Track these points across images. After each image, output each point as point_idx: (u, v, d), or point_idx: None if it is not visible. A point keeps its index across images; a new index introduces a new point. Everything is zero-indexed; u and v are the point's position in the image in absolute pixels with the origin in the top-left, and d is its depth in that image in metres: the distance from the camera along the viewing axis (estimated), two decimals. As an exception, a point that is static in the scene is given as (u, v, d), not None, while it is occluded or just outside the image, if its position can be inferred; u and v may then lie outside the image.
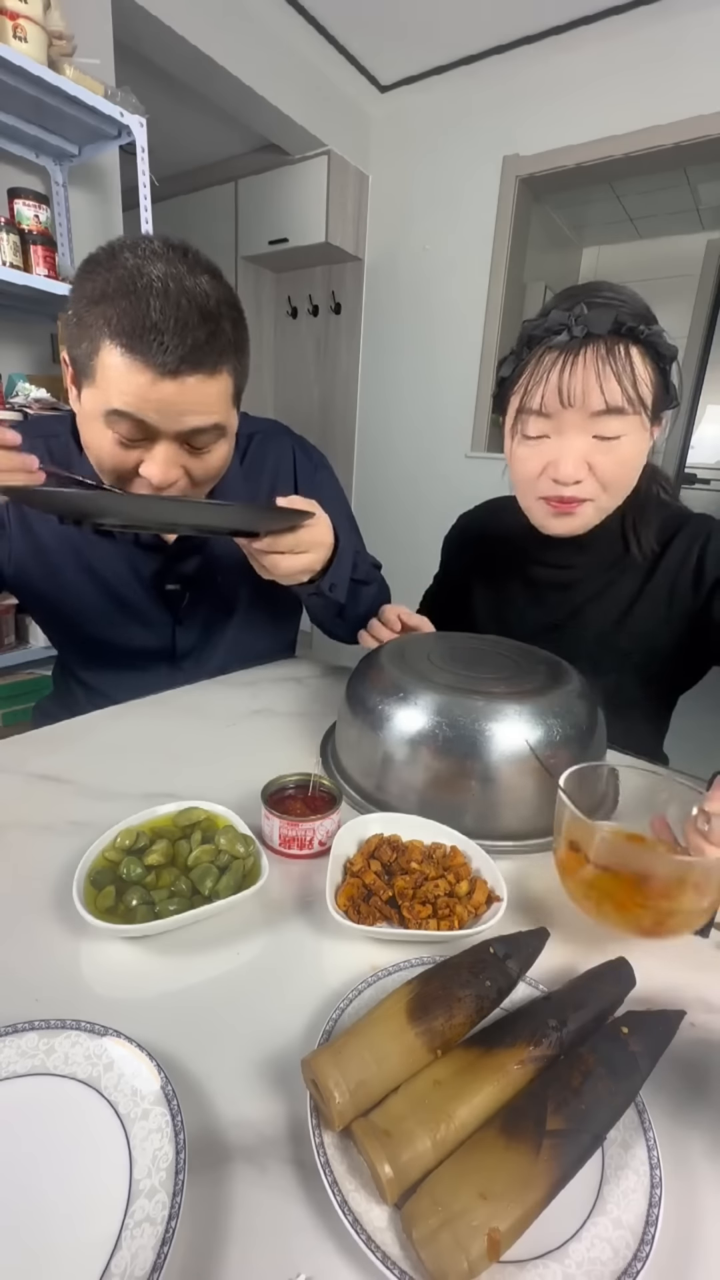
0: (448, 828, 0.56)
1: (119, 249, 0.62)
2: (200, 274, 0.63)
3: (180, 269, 0.61)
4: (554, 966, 0.45)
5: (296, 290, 3.30)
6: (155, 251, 0.61)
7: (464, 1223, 0.26)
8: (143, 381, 0.61)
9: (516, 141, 2.55)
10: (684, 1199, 0.31)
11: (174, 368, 0.61)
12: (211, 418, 0.67)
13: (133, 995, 0.41)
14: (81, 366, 0.65)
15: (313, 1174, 0.30)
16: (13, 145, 1.70)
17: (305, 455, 0.98)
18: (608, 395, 0.65)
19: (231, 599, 0.94)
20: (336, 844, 0.52)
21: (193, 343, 0.61)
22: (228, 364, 0.66)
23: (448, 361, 2.92)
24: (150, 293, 0.59)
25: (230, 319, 0.65)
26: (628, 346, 0.64)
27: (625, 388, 0.64)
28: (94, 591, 0.86)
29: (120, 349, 0.60)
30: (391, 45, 2.47)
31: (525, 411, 0.70)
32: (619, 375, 0.64)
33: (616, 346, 0.64)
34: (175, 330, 0.60)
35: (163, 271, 0.60)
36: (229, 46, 2.19)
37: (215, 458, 0.72)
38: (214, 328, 0.62)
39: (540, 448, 0.71)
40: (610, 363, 0.64)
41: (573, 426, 0.68)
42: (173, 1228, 0.27)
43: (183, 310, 0.60)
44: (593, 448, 0.68)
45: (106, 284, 0.60)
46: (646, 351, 0.65)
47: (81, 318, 0.62)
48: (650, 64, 2.23)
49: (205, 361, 0.62)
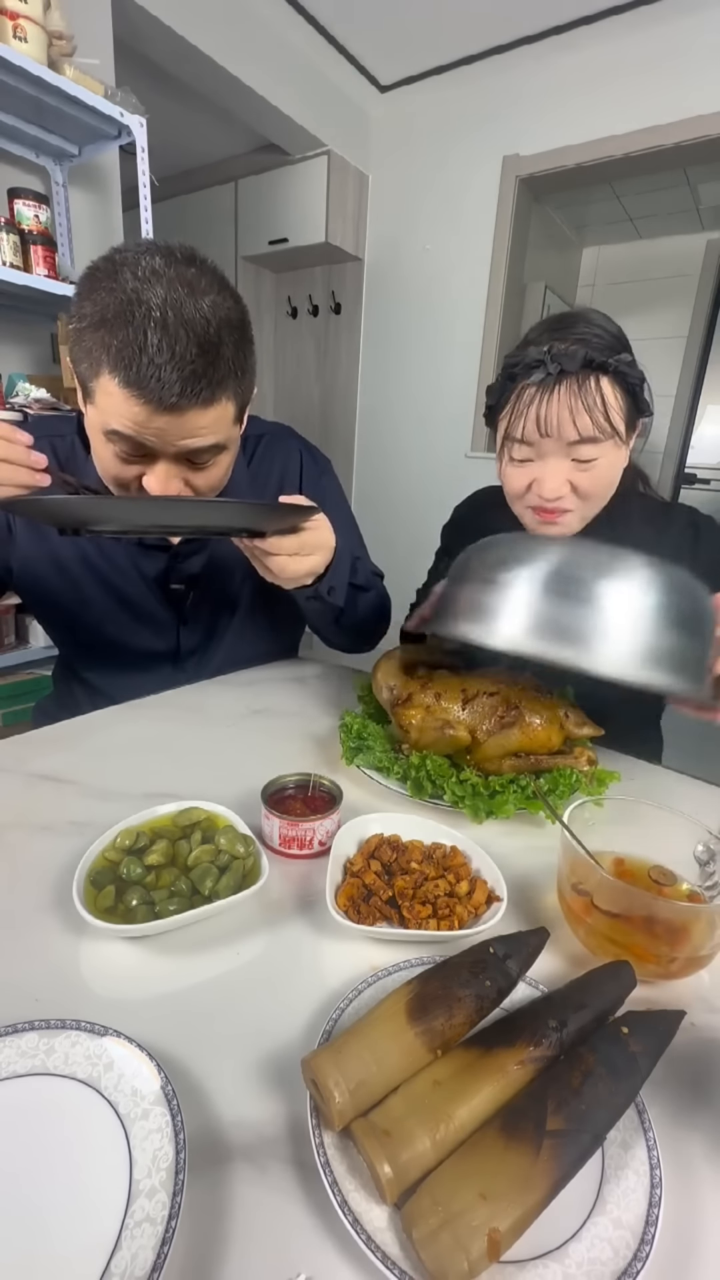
0: (447, 828, 0.56)
1: (120, 265, 0.60)
2: (202, 295, 0.60)
3: (180, 293, 0.59)
4: (554, 966, 0.45)
5: (296, 290, 3.30)
6: (156, 271, 0.59)
7: (464, 1223, 0.26)
8: (140, 413, 0.61)
9: (516, 141, 2.55)
10: (684, 1199, 0.31)
11: (172, 402, 0.60)
12: (210, 439, 0.66)
13: (133, 995, 0.41)
14: (83, 383, 0.65)
15: (313, 1174, 0.30)
16: (13, 145, 1.70)
17: (312, 459, 0.98)
18: (580, 427, 0.71)
19: (235, 599, 0.94)
20: (336, 844, 0.52)
21: (190, 374, 0.59)
22: (228, 390, 0.65)
23: (448, 361, 2.92)
24: (149, 324, 0.58)
25: (232, 342, 0.63)
26: (598, 379, 0.70)
27: (596, 419, 0.70)
28: (99, 592, 0.87)
29: (118, 382, 0.59)
30: (391, 45, 2.47)
31: (510, 439, 0.77)
32: (590, 408, 0.70)
33: (587, 381, 0.70)
34: (174, 365, 0.58)
35: (162, 299, 0.58)
36: (229, 46, 2.19)
37: (217, 471, 0.72)
38: (213, 358, 0.61)
39: (526, 468, 0.77)
40: (581, 397, 0.70)
41: (552, 452, 0.74)
42: (173, 1228, 0.27)
43: (181, 344, 0.58)
44: (572, 468, 0.75)
45: (106, 308, 0.59)
46: (616, 380, 0.71)
47: (82, 336, 0.61)
48: (650, 64, 2.23)
49: (203, 394, 0.62)
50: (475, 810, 0.60)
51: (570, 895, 0.46)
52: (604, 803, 0.53)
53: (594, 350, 0.70)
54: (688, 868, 0.49)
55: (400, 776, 0.65)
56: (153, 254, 0.60)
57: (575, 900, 0.46)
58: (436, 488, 3.05)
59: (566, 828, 0.46)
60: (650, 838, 0.51)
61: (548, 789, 0.62)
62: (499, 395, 0.78)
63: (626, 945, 0.43)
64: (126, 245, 0.63)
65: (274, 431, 0.96)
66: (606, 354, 0.70)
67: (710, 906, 0.44)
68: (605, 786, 0.64)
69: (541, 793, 0.55)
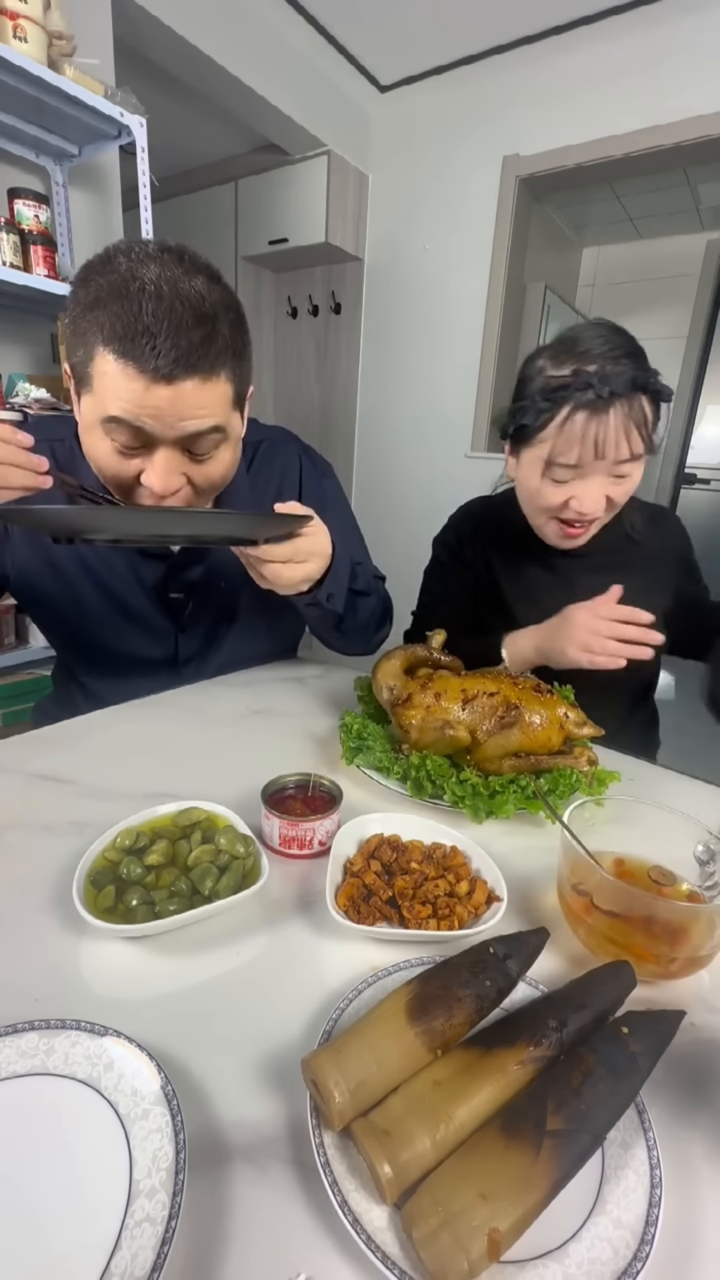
0: (447, 828, 0.56)
1: (114, 254, 0.61)
2: (196, 276, 0.61)
3: (175, 271, 0.60)
4: (554, 966, 0.45)
5: (296, 290, 3.29)
6: (150, 255, 0.60)
7: (464, 1223, 0.26)
8: (137, 387, 0.60)
9: (516, 141, 2.55)
10: (684, 1199, 0.31)
11: (168, 371, 0.60)
12: (210, 420, 0.65)
13: (133, 995, 0.41)
14: (79, 374, 0.64)
15: (313, 1174, 0.30)
16: (13, 145, 1.70)
17: (311, 464, 0.98)
18: (632, 446, 0.75)
19: (234, 607, 0.93)
20: (336, 844, 0.52)
21: (187, 345, 0.59)
22: (225, 367, 0.65)
23: (447, 361, 2.92)
24: (143, 295, 0.58)
25: (228, 321, 0.64)
26: (642, 399, 0.73)
27: (644, 436, 0.75)
28: (97, 598, 0.86)
29: (114, 354, 0.59)
30: (391, 45, 2.47)
31: (555, 464, 0.78)
32: (640, 427, 0.74)
33: (636, 400, 0.73)
34: (168, 333, 0.58)
35: (156, 274, 0.59)
36: (229, 46, 2.19)
37: (218, 465, 0.71)
38: (209, 330, 0.61)
39: (565, 486, 0.80)
40: (632, 417, 0.73)
41: (596, 472, 0.78)
42: (173, 1228, 0.27)
43: (176, 313, 0.59)
44: (609, 484, 0.79)
45: (101, 289, 0.59)
46: (651, 396, 0.74)
47: (77, 324, 0.61)
48: (650, 64, 2.23)
49: (200, 365, 0.61)
50: (475, 810, 0.60)
51: (570, 895, 0.46)
52: (604, 803, 0.53)
53: (636, 368, 0.73)
54: (688, 868, 0.49)
55: (400, 776, 0.65)
56: (145, 244, 0.62)
57: (575, 900, 0.46)
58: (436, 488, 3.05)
59: (566, 828, 0.46)
60: (650, 838, 0.51)
61: (548, 789, 0.62)
62: (536, 417, 0.78)
63: (626, 945, 0.43)
64: (119, 242, 0.63)
65: (274, 436, 0.96)
66: (646, 371, 0.73)
67: (710, 906, 0.44)
68: (605, 786, 0.64)
69: (541, 793, 0.55)
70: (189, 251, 0.64)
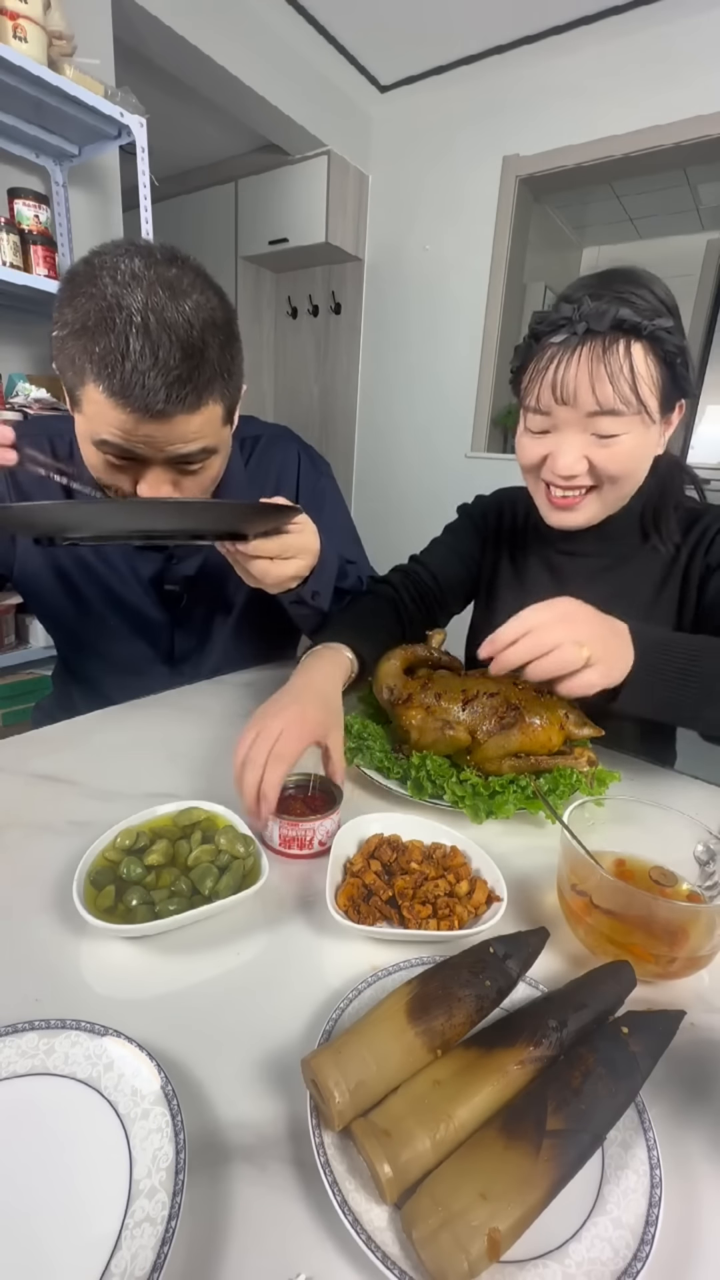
0: (447, 828, 0.56)
1: (99, 270, 0.58)
2: (184, 297, 0.59)
3: (161, 297, 0.58)
4: (554, 966, 0.45)
5: (296, 290, 3.30)
6: (136, 275, 0.58)
7: (464, 1223, 0.26)
8: (126, 421, 0.60)
9: (516, 141, 2.55)
10: (684, 1199, 0.31)
11: (158, 409, 0.59)
12: (199, 443, 0.66)
13: (133, 995, 0.41)
14: (71, 393, 0.64)
15: (313, 1174, 0.30)
16: (13, 145, 1.70)
17: (310, 461, 0.98)
18: (600, 397, 0.64)
19: (231, 603, 0.93)
20: (336, 844, 0.52)
21: (176, 380, 0.59)
22: (214, 393, 0.64)
23: (447, 361, 2.92)
24: (130, 330, 0.57)
25: (217, 342, 0.62)
26: (628, 344, 0.62)
27: (620, 389, 0.63)
28: (94, 591, 0.86)
29: (103, 390, 0.59)
30: (391, 45, 2.47)
31: (526, 406, 0.71)
32: (612, 376, 0.63)
33: (615, 345, 0.62)
34: (158, 372, 0.58)
35: (142, 303, 0.57)
36: (229, 46, 2.19)
37: (208, 474, 0.72)
38: (197, 361, 0.60)
39: (542, 440, 0.71)
40: (606, 362, 0.62)
41: (569, 424, 0.68)
42: (173, 1228, 0.27)
43: (164, 349, 0.57)
44: (591, 443, 0.68)
45: (87, 315, 0.58)
46: (651, 347, 0.63)
47: (65, 345, 0.60)
48: (650, 64, 2.23)
49: (189, 399, 0.61)
50: (475, 810, 0.60)
51: (570, 895, 0.46)
52: (604, 803, 0.53)
53: (629, 311, 0.62)
54: (688, 868, 0.49)
55: (400, 776, 0.65)
56: (132, 255, 0.59)
57: (575, 900, 0.46)
58: (436, 488, 3.05)
59: (566, 828, 0.46)
60: (650, 838, 0.51)
61: (548, 789, 0.62)
62: (524, 356, 0.71)
63: (626, 945, 0.43)
64: (105, 247, 0.61)
65: (272, 433, 0.95)
66: (643, 316, 0.62)
67: (710, 906, 0.44)
68: (605, 786, 0.64)
69: (541, 793, 0.55)
70: (179, 257, 0.61)
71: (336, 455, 3.31)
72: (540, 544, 0.88)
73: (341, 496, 1.03)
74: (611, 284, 0.65)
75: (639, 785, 0.70)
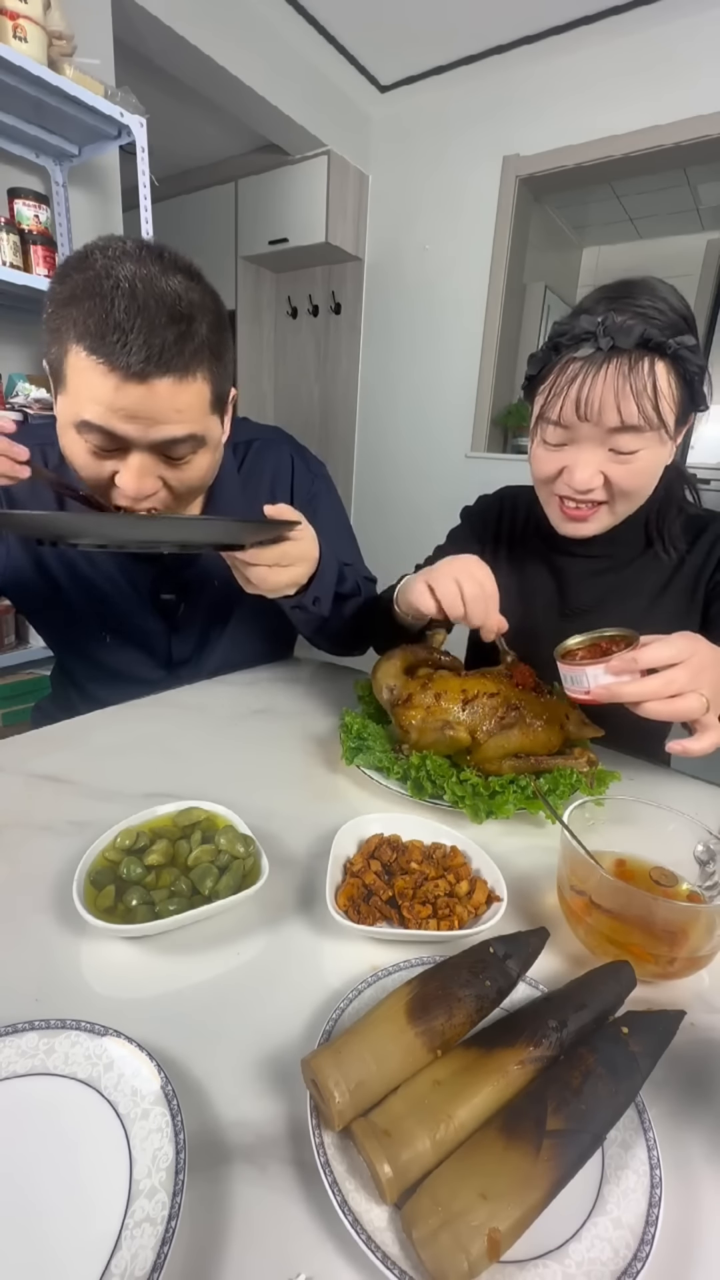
0: (447, 828, 0.56)
1: (91, 251, 0.59)
2: (174, 274, 0.60)
3: (152, 269, 0.58)
4: (554, 966, 0.45)
5: (296, 290, 3.30)
6: (127, 252, 0.59)
7: (464, 1223, 0.26)
8: (108, 385, 0.58)
9: (516, 141, 2.55)
10: (684, 1199, 0.31)
11: (140, 369, 0.58)
12: (185, 427, 0.63)
13: (133, 995, 0.41)
14: (55, 371, 0.63)
15: (313, 1174, 0.30)
16: (13, 145, 1.70)
17: (304, 464, 0.96)
18: (624, 414, 0.64)
19: (227, 608, 0.93)
20: (336, 844, 0.52)
21: (160, 343, 0.57)
22: (201, 368, 0.62)
23: (447, 361, 2.92)
24: (117, 292, 0.57)
25: (206, 321, 0.61)
26: (653, 362, 0.63)
27: (644, 407, 0.63)
28: (87, 600, 0.86)
29: (85, 350, 0.58)
30: (391, 45, 2.47)
31: (544, 419, 0.70)
32: (638, 394, 0.63)
33: (640, 363, 0.62)
34: (141, 329, 0.57)
35: (131, 272, 0.57)
36: (229, 46, 2.19)
37: (195, 470, 0.69)
38: (184, 329, 0.59)
39: (559, 453, 0.71)
40: (631, 380, 0.63)
41: (589, 439, 0.68)
42: (173, 1228, 0.27)
43: (150, 310, 0.57)
44: (608, 459, 0.68)
45: (76, 286, 0.58)
46: (673, 365, 0.64)
47: (52, 321, 0.60)
48: (650, 64, 2.23)
49: (174, 364, 0.59)
50: (475, 810, 0.60)
51: (570, 895, 0.46)
52: (604, 803, 0.53)
53: (653, 328, 0.62)
54: (688, 868, 0.49)
55: (400, 776, 0.65)
56: (124, 241, 0.61)
57: (575, 900, 0.46)
58: (436, 488, 3.05)
59: (566, 828, 0.46)
60: (650, 838, 0.51)
61: (548, 789, 0.62)
62: (540, 366, 0.71)
63: (626, 945, 0.43)
64: (99, 239, 0.62)
65: (266, 436, 0.95)
66: (667, 333, 0.62)
67: (710, 906, 0.44)
68: (605, 786, 0.64)
69: (541, 793, 0.55)
70: (169, 250, 0.62)
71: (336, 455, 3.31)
72: (541, 544, 0.88)
73: (338, 496, 1.02)
74: (634, 298, 0.65)
75: (639, 785, 0.70)
